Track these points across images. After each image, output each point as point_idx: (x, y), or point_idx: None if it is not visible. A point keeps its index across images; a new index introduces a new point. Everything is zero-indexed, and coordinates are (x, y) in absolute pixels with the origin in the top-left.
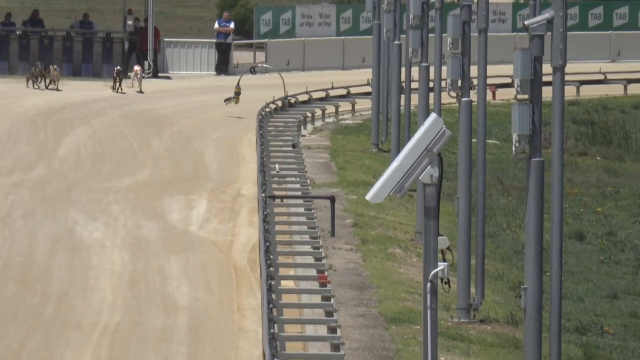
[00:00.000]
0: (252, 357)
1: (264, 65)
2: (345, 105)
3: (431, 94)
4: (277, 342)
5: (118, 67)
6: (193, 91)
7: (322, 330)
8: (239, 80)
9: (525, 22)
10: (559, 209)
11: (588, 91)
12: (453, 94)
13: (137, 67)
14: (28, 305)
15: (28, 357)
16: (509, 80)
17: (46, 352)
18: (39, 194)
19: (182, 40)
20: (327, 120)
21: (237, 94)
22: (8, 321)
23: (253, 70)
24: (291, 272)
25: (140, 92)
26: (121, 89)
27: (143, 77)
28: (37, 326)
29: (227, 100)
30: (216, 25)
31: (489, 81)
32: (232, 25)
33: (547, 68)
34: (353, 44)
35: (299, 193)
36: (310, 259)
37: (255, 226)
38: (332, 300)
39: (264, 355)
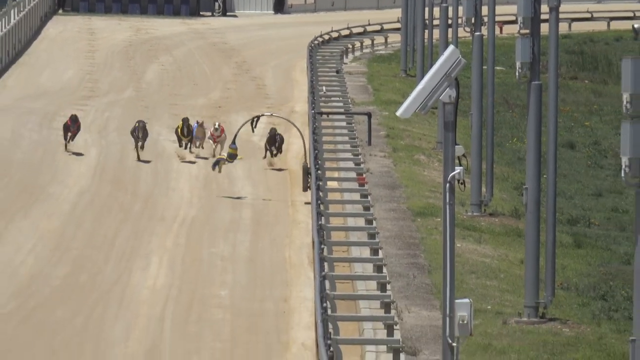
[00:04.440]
0: (304, 244)
1: (272, 114)
2: (379, 39)
3: (449, 30)
4: (324, 232)
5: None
6: (255, 27)
7: (361, 222)
8: (234, 137)
9: None
10: (554, 123)
11: (578, 27)
12: (467, 29)
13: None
14: (120, 202)
15: (120, 245)
16: (513, 18)
17: (135, 240)
18: (129, 111)
19: None
20: (365, 51)
21: (232, 155)
22: (105, 215)
23: (255, 125)
24: (335, 174)
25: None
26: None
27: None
28: (128, 219)
29: (216, 164)
30: None
31: (497, 19)
32: None
33: (545, 8)
34: None
35: (342, 110)
36: (350, 164)
37: (306, 137)
38: (368, 197)
39: (313, 242)
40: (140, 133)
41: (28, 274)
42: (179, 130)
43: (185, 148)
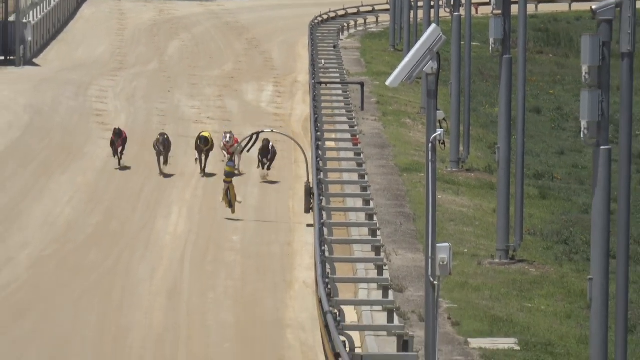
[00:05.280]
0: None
1: (273, 130)
2: (371, 18)
3: (432, 10)
4: (323, 185)
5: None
6: (263, 8)
7: (355, 177)
8: (232, 156)
9: None
10: (522, 91)
11: (543, 8)
12: (448, 10)
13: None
14: (146, 161)
15: (146, 197)
16: (487, 0)
17: (159, 193)
18: (154, 81)
19: None
20: (358, 29)
21: (230, 174)
22: (132, 172)
23: (254, 143)
24: (332, 135)
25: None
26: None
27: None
28: (152, 175)
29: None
30: None
31: (473, 0)
32: None
33: None
34: None
35: (338, 80)
36: (346, 126)
37: (307, 103)
38: (361, 155)
39: (313, 194)
40: (161, 147)
41: (65, 222)
42: (197, 143)
43: (206, 160)
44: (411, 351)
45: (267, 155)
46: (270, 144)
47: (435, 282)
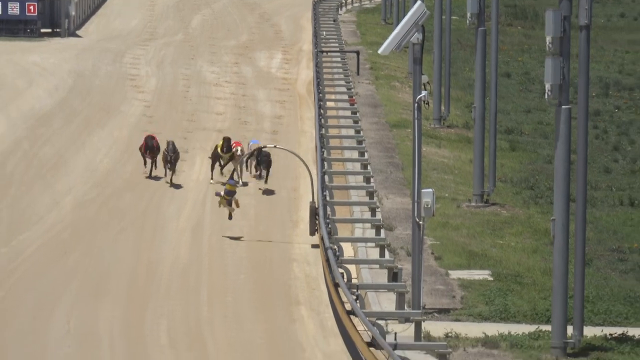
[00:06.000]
0: (309, 148)
1: (277, 146)
2: None
3: None
4: (324, 139)
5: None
6: None
7: (351, 132)
8: (232, 174)
9: None
10: (495, 58)
11: None
12: None
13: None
14: (173, 118)
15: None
16: None
17: (185, 142)
18: (180, 50)
19: None
20: (355, 5)
21: (230, 192)
22: (161, 127)
23: (256, 153)
24: (332, 97)
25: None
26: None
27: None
28: (178, 130)
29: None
30: None
31: None
32: None
33: None
34: None
35: (337, 49)
36: (344, 89)
37: (311, 69)
38: (357, 113)
39: (316, 147)
40: (172, 154)
41: (105, 170)
42: (219, 148)
43: (223, 168)
44: (400, 281)
45: (267, 164)
46: (270, 155)
47: (421, 222)
